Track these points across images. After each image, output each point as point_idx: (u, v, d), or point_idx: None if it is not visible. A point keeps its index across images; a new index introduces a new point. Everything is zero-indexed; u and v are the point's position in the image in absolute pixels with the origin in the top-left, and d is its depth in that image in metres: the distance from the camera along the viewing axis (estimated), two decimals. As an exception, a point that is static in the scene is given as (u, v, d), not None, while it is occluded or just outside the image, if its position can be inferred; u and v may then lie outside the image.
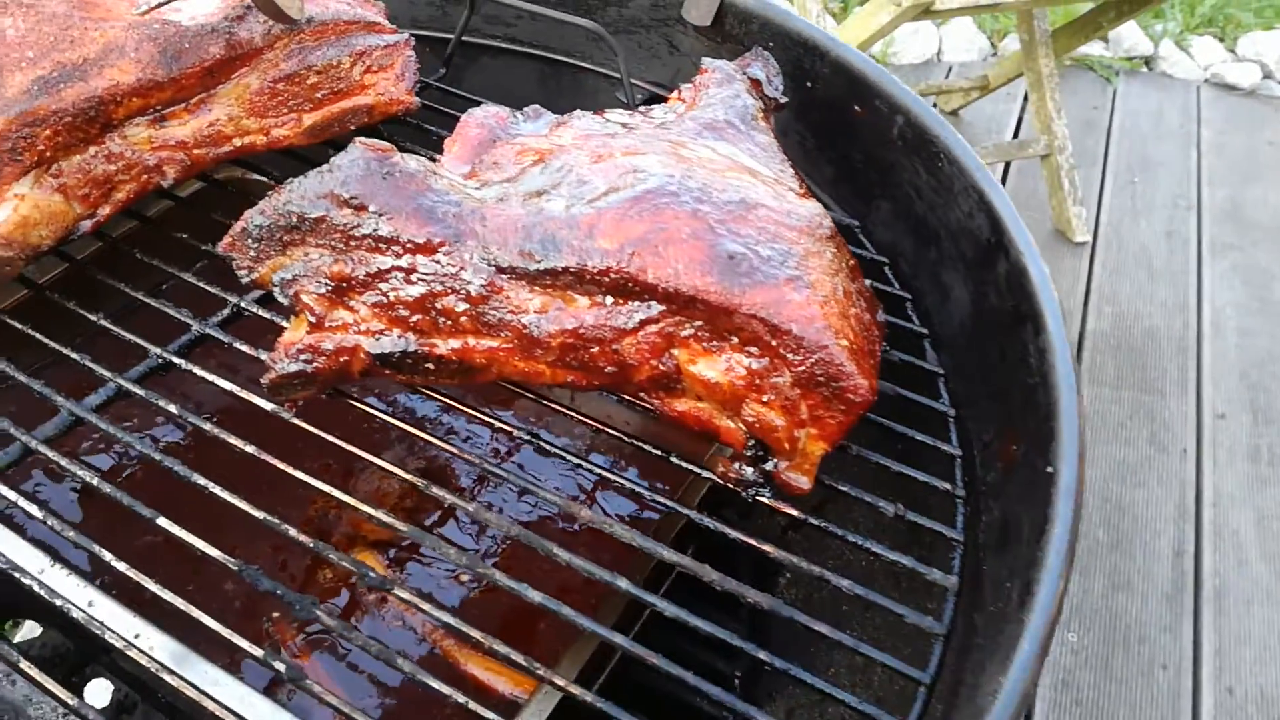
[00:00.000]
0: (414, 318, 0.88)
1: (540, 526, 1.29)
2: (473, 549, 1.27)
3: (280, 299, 0.91)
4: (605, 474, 0.95)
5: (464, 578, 1.22)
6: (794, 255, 0.83)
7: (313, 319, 0.91)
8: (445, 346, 0.89)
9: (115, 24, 1.08)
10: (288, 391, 0.93)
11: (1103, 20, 3.98)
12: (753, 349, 0.82)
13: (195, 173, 1.14)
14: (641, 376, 0.86)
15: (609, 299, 0.84)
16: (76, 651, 1.19)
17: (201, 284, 1.08)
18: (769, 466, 0.87)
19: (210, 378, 0.97)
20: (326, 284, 0.89)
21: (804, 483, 0.86)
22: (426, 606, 0.83)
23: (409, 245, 0.87)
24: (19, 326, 1.01)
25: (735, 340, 0.83)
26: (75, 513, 1.27)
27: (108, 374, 0.97)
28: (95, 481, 0.88)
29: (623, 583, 0.84)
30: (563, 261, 0.83)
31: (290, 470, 0.90)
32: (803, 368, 0.80)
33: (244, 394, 0.96)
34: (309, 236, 0.89)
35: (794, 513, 0.88)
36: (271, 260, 0.91)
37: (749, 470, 0.88)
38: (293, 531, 0.87)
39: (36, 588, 0.86)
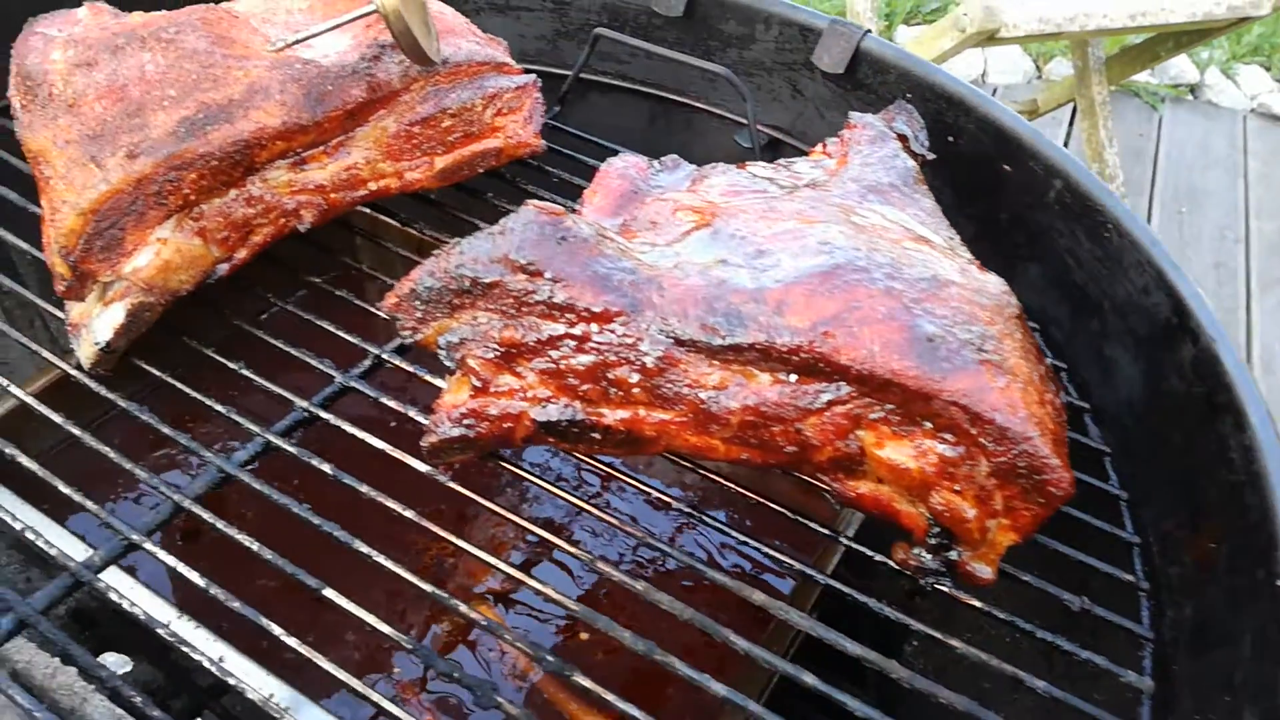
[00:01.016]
0: (584, 386, 0.86)
1: (656, 580, 1.26)
2: (580, 601, 1.25)
3: (445, 361, 0.89)
4: (731, 533, 0.93)
5: (584, 635, 1.19)
6: (990, 337, 0.80)
7: (478, 383, 0.88)
8: (613, 416, 0.86)
9: (257, 63, 1.06)
10: (446, 455, 0.90)
11: (1160, 50, 3.94)
12: (948, 435, 0.79)
13: (331, 217, 1.12)
14: (822, 457, 0.83)
15: (794, 377, 0.82)
16: (170, 685, 1.16)
17: (341, 332, 1.05)
18: (952, 555, 0.84)
19: (363, 436, 0.95)
20: (495, 349, 0.87)
21: (987, 573, 0.83)
22: (566, 673, 0.80)
23: (584, 314, 0.84)
24: (172, 381, 0.99)
25: (929, 425, 0.80)
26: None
27: (255, 429, 0.95)
28: (256, 547, 0.86)
29: (761, 651, 0.82)
30: (749, 338, 0.80)
31: (424, 523, 0.88)
32: (1003, 458, 0.77)
33: (396, 453, 0.94)
34: (479, 300, 0.87)
35: (977, 604, 0.85)
36: (437, 322, 0.89)
37: (929, 558, 0.85)
38: (429, 588, 0.84)
39: (167, 636, 0.84)
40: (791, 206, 0.94)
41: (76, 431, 0.93)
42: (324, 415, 0.98)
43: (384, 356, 1.04)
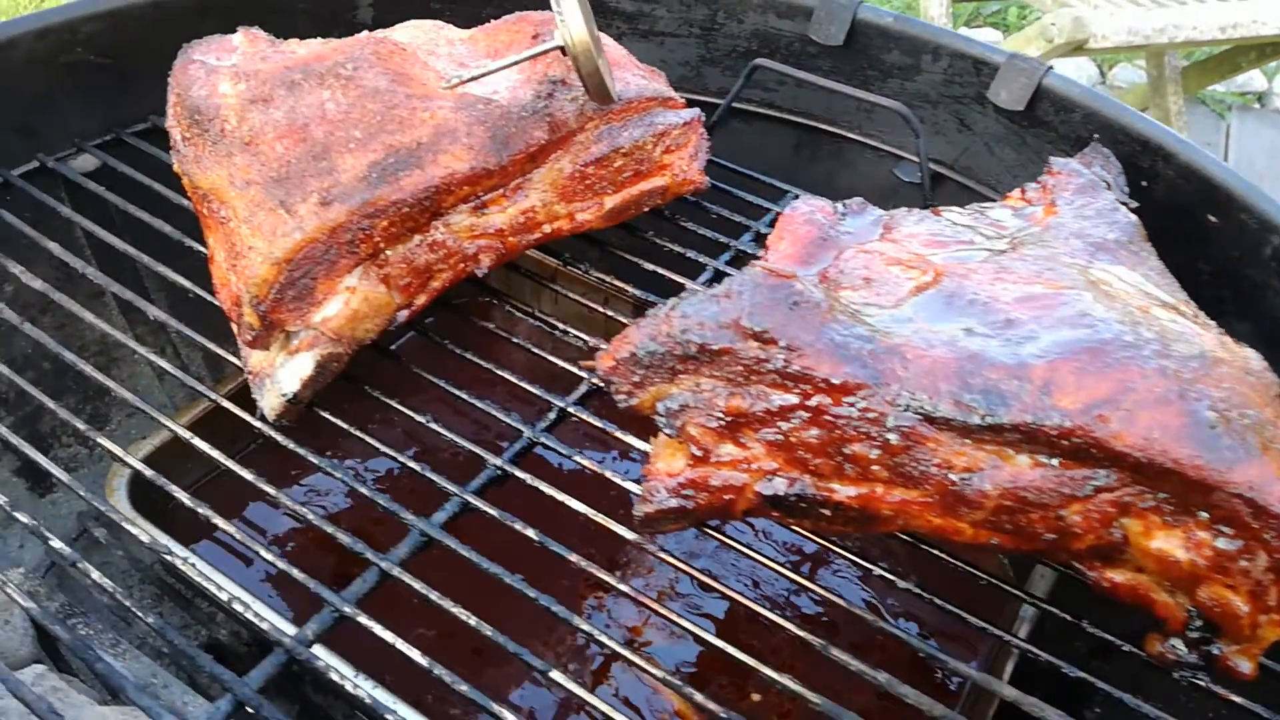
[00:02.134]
0: (816, 460, 0.81)
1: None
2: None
3: (664, 429, 0.85)
4: (911, 589, 0.89)
5: (755, 696, 1.15)
6: (1266, 422, 0.75)
7: (698, 452, 0.84)
8: (846, 493, 0.82)
9: (441, 104, 1.02)
10: (660, 525, 0.86)
11: (1242, 61, 3.85)
12: (1225, 528, 0.74)
13: (506, 260, 1.08)
14: (1081, 545, 0.78)
15: (1057, 460, 0.77)
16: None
17: (523, 383, 1.01)
18: (1214, 650, 0.79)
19: (563, 499, 0.91)
20: (719, 418, 0.82)
21: (1248, 668, 0.78)
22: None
23: (820, 385, 0.79)
24: (360, 435, 0.95)
25: (1204, 516, 0.74)
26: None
27: (452, 488, 0.91)
28: (465, 617, 0.82)
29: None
30: (1012, 418, 0.75)
31: (593, 569, 0.85)
32: (1290, 555, 0.72)
33: (600, 518, 0.90)
34: (703, 366, 0.82)
35: (1237, 699, 0.80)
36: (656, 387, 0.84)
37: (1185, 651, 0.80)
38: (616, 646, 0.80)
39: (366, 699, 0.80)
40: (1024, 267, 0.89)
41: (269, 490, 0.90)
42: (517, 474, 0.94)
43: (569, 410, 1.00)
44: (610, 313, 1.13)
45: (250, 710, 0.74)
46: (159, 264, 1.11)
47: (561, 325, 1.09)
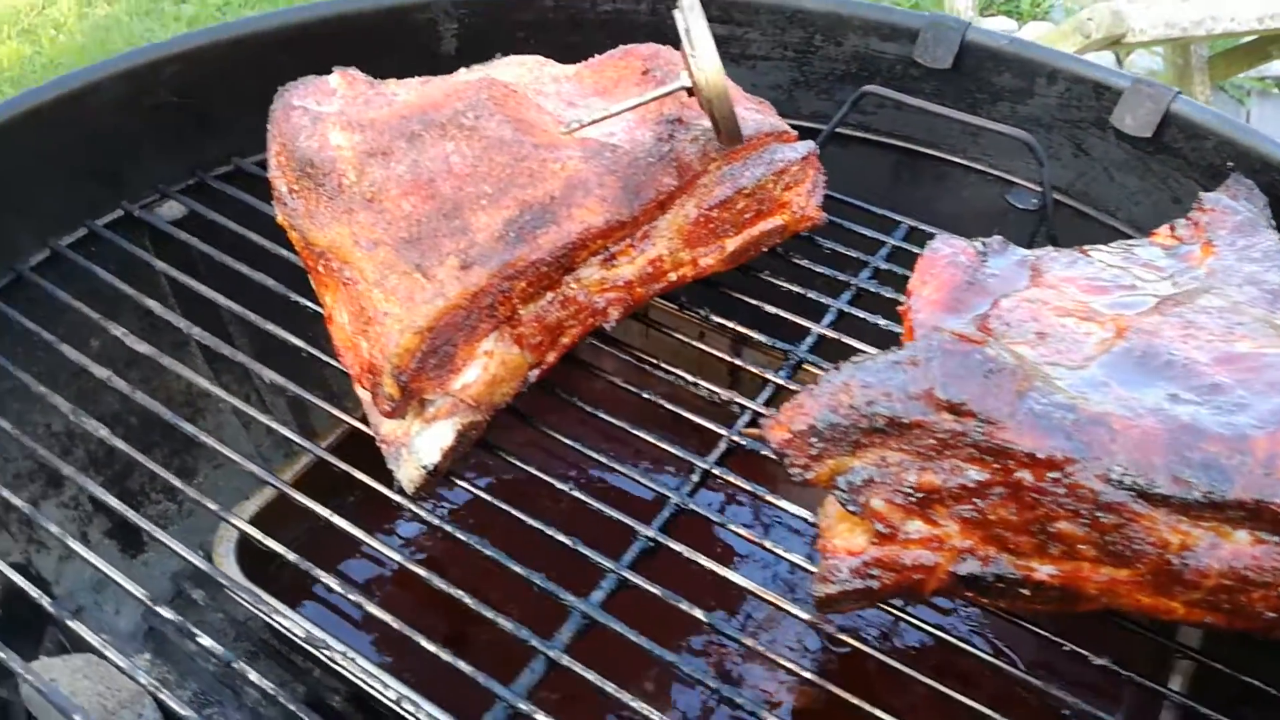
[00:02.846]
0: (1015, 538, 0.77)
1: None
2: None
3: (844, 504, 0.80)
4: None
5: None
6: None
7: (883, 529, 0.79)
8: (1047, 571, 0.77)
9: (569, 153, 0.97)
10: (840, 606, 0.81)
11: (1273, 50, 3.81)
12: None
13: (632, 312, 1.03)
14: (1307, 624, 0.74)
15: (1272, 536, 0.72)
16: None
17: (664, 445, 0.97)
18: None
19: (725, 573, 0.86)
20: (909, 494, 0.78)
21: None
22: None
23: (1022, 459, 0.75)
24: (502, 505, 0.90)
25: None
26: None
27: (608, 564, 0.86)
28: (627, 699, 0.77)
29: None
30: (1235, 494, 0.71)
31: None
32: None
33: (771, 596, 0.85)
34: (890, 439, 0.78)
35: None
36: (835, 460, 0.80)
37: None
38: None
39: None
40: (1210, 321, 0.84)
41: (420, 571, 0.85)
42: (670, 544, 0.89)
43: (713, 470, 0.96)
44: (740, 362, 1.08)
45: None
46: (265, 320, 1.06)
47: (689, 376, 1.04)
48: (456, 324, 0.87)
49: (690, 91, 0.99)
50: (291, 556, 0.88)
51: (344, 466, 0.93)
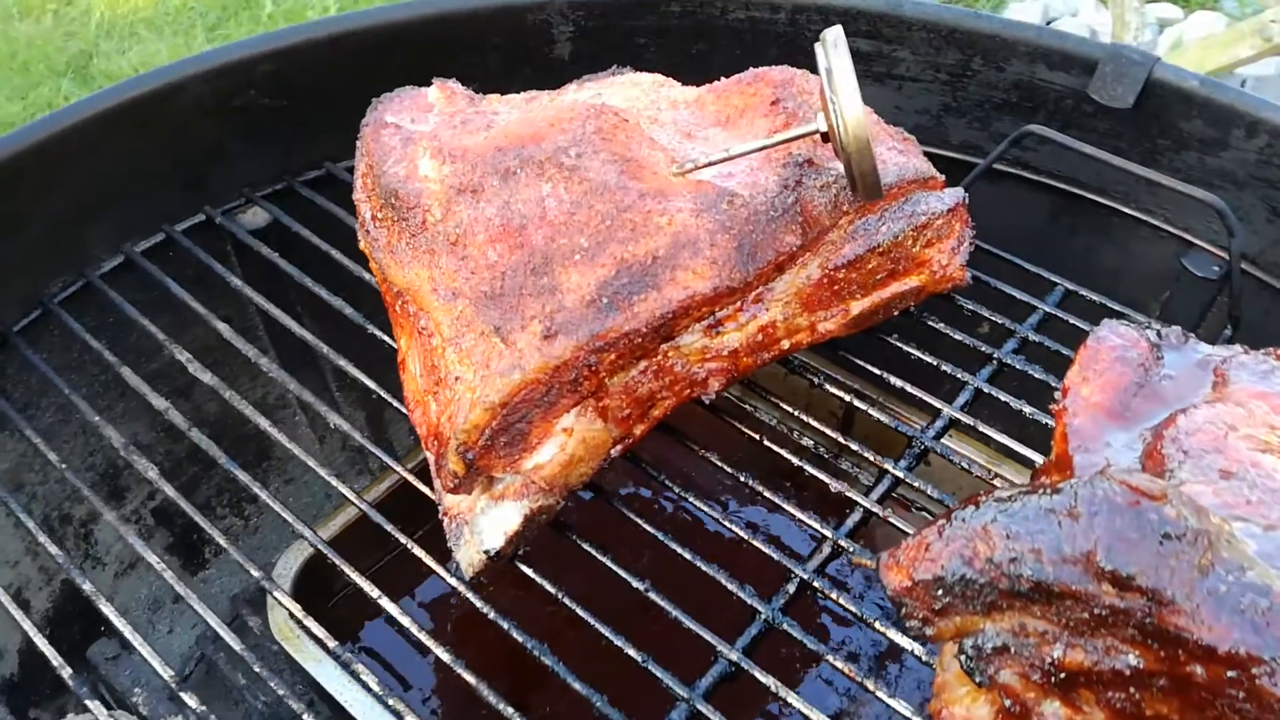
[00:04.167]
0: (1177, 740, 0.63)
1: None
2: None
3: (968, 672, 0.67)
4: None
5: None
6: None
7: (1012, 706, 0.66)
8: (1211, 782, 0.63)
9: (679, 204, 0.85)
10: (947, 784, 0.69)
11: None
12: None
13: (735, 382, 0.91)
14: None
15: None
16: None
17: (766, 548, 0.85)
18: None
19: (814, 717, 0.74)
20: (1050, 671, 0.64)
21: None
22: None
23: (1197, 652, 0.61)
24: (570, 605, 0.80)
25: None
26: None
27: (682, 692, 0.76)
28: None
29: None
30: None
31: None
32: None
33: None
34: (1034, 605, 0.64)
35: None
36: (961, 619, 0.67)
37: None
38: None
39: None
40: None
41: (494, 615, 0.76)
42: (753, 671, 0.77)
43: (815, 584, 0.83)
44: (848, 441, 0.95)
45: None
46: (338, 354, 0.98)
47: (797, 460, 0.92)
48: (534, 400, 0.77)
49: (825, 137, 0.86)
50: (362, 582, 0.81)
51: (388, 527, 0.84)
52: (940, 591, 0.66)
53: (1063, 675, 0.64)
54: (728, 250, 0.83)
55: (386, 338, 0.97)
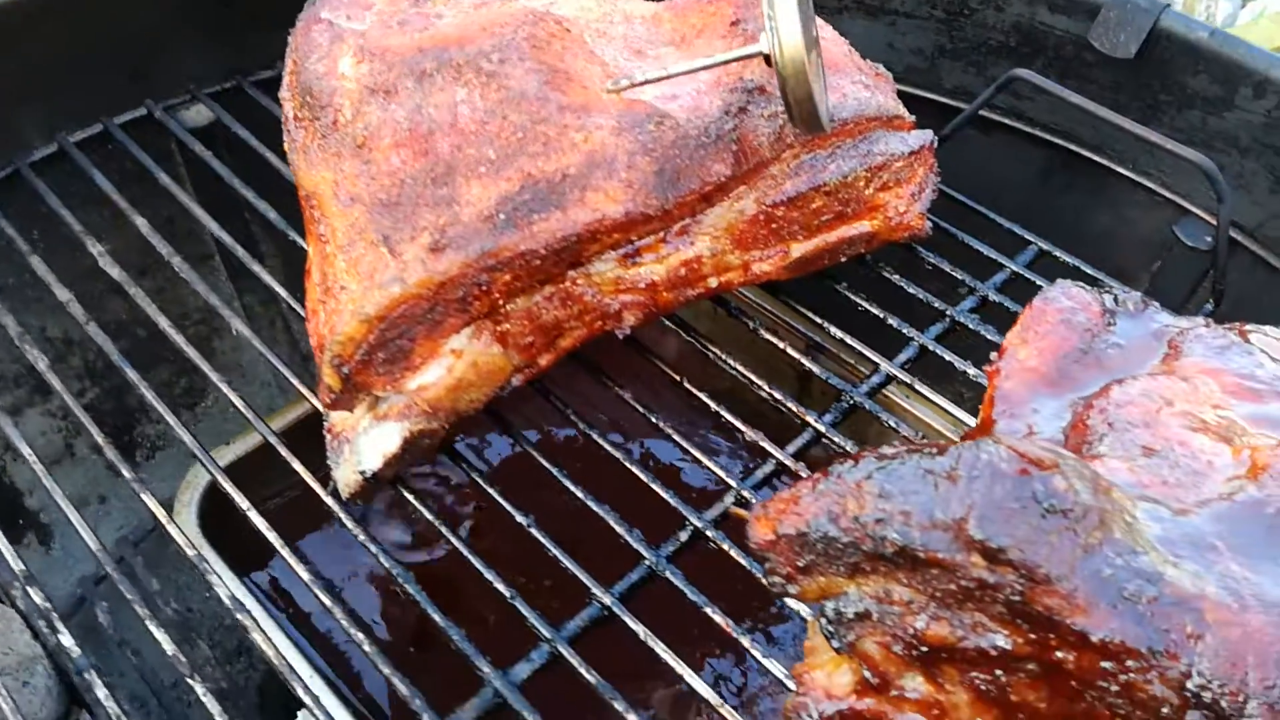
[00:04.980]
0: (1042, 730, 0.58)
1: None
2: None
3: (826, 633, 0.62)
4: None
5: None
6: None
7: (872, 678, 0.61)
8: (1079, 779, 0.58)
9: (599, 120, 0.79)
10: (807, 749, 0.64)
11: None
12: None
13: (655, 318, 0.86)
14: None
15: None
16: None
17: (660, 489, 0.80)
18: None
19: (688, 678, 0.70)
20: (913, 643, 0.59)
21: None
22: None
23: (1070, 638, 0.55)
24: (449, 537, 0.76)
25: None
26: None
27: (546, 632, 0.72)
28: None
29: None
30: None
31: None
32: None
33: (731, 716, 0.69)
34: (899, 571, 0.59)
35: None
36: (825, 580, 0.62)
37: None
38: None
39: None
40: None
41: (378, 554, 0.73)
42: (624, 618, 0.73)
43: (708, 534, 0.79)
44: (775, 393, 0.89)
45: None
46: (252, 259, 0.95)
47: (714, 405, 0.87)
48: (415, 316, 0.73)
49: (768, 61, 0.79)
50: (256, 519, 0.78)
51: (282, 450, 0.81)
52: (803, 548, 0.61)
53: (925, 649, 0.59)
54: (646, 174, 0.78)
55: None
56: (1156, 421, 0.68)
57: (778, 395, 0.88)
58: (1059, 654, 0.56)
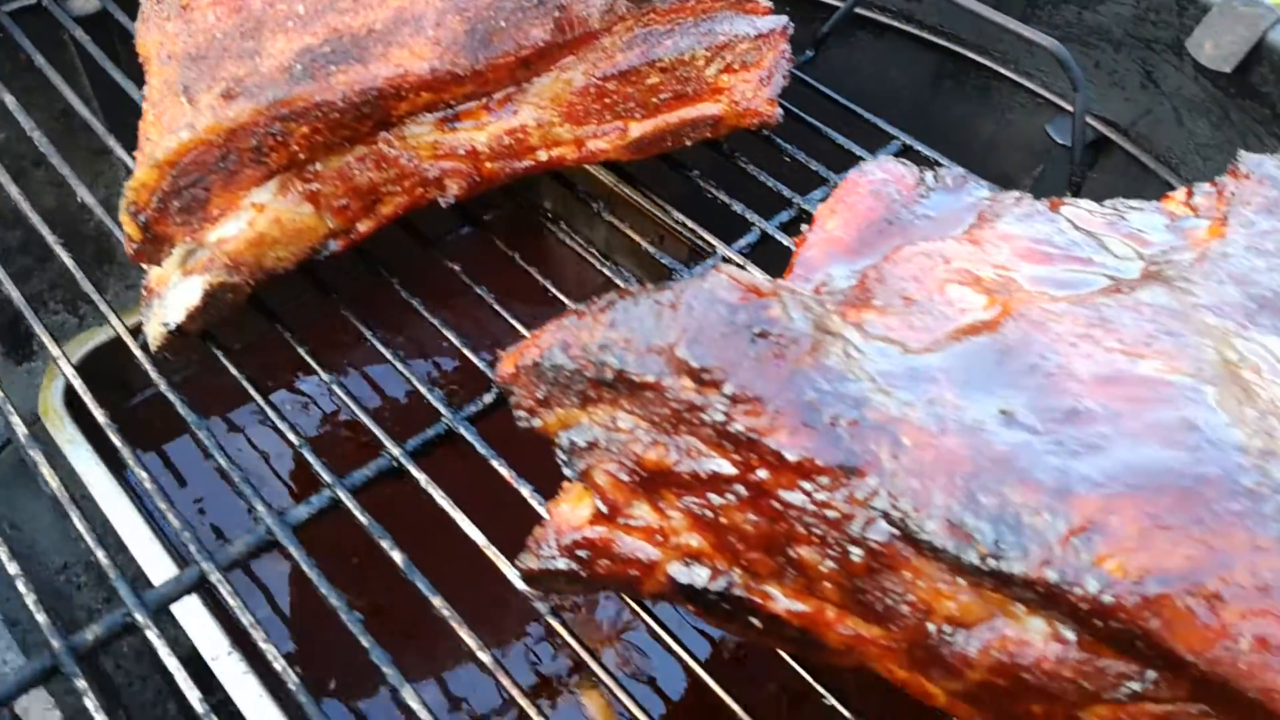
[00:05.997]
0: (750, 554, 0.58)
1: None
2: None
3: (564, 467, 0.63)
4: None
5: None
6: None
7: (604, 507, 0.62)
8: (785, 605, 0.58)
9: (415, -20, 0.79)
10: (546, 585, 0.65)
11: None
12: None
13: (482, 190, 0.86)
14: (1105, 763, 0.52)
15: (1075, 636, 0.51)
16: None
17: (467, 350, 0.81)
18: None
19: (455, 514, 0.71)
20: (634, 469, 0.60)
21: None
22: None
23: (770, 457, 0.55)
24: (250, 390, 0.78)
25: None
26: None
27: (327, 478, 0.73)
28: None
29: None
30: (1028, 569, 0.49)
31: None
32: None
33: (494, 554, 0.70)
34: (622, 398, 0.60)
35: None
36: (563, 411, 0.62)
37: None
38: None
39: None
40: (1133, 322, 0.60)
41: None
42: (411, 470, 0.74)
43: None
44: (607, 271, 0.89)
45: None
46: (109, 135, 0.96)
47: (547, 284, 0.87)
48: (207, 164, 0.74)
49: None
50: (101, 417, 0.78)
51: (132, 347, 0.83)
52: (539, 379, 0.62)
53: (645, 474, 0.59)
54: (455, 32, 0.78)
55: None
56: (926, 276, 0.67)
57: (608, 273, 0.88)
58: (760, 474, 0.56)
